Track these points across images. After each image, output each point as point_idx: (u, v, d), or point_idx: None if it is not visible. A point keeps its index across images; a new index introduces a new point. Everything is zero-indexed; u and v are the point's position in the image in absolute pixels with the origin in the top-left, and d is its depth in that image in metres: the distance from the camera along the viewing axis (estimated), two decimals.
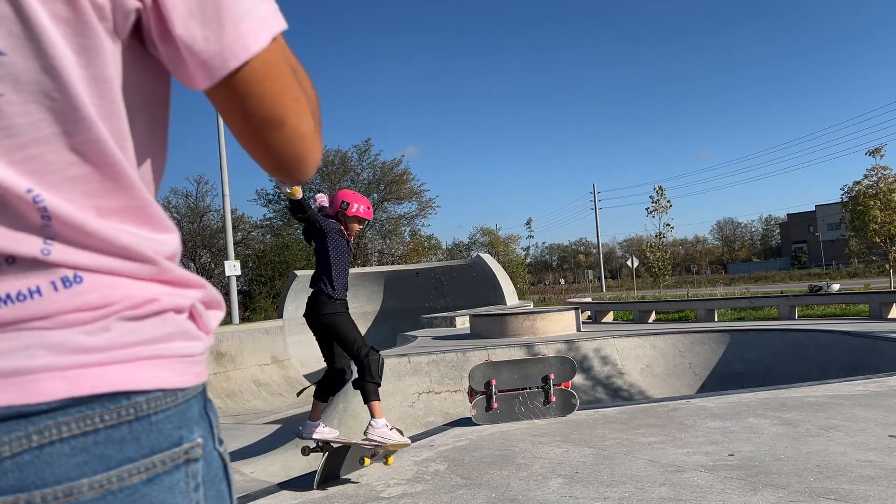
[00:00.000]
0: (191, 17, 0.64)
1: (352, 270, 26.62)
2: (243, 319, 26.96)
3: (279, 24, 0.70)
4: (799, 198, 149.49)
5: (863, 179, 27.97)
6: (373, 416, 4.66)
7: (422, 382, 9.49)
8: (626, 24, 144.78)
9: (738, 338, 12.85)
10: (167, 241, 0.70)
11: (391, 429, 4.62)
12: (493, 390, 6.21)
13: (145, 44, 0.68)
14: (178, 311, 0.69)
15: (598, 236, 70.08)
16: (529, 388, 6.35)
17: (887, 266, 27.44)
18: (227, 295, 25.63)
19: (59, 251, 0.61)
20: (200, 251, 40.55)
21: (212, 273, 40.34)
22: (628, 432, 5.50)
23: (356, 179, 44.44)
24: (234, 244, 27.45)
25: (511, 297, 19.92)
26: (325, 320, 4.66)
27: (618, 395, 10.68)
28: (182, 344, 0.68)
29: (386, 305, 22.00)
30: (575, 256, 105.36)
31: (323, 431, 4.80)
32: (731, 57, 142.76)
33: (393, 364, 9.39)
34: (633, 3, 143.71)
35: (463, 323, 14.82)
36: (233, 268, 23.60)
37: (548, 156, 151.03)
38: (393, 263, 38.16)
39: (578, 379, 9.08)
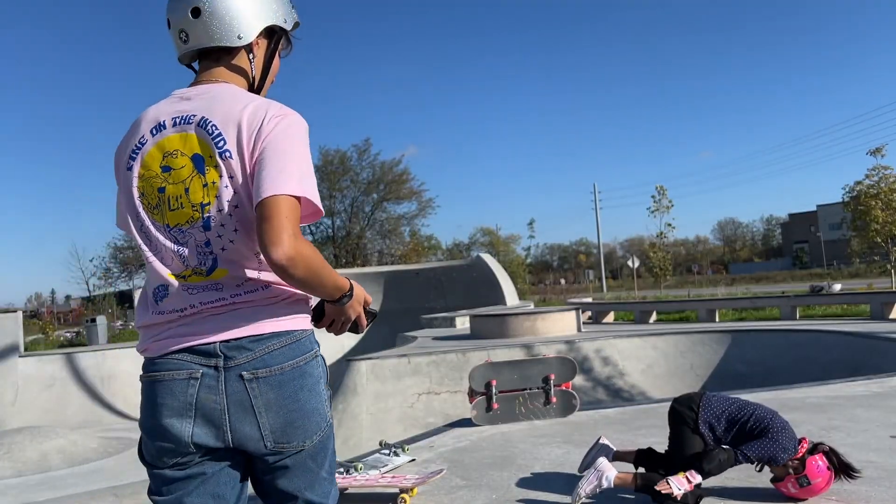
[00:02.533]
0: (255, 182, 1.57)
1: (352, 270, 26.58)
2: None
3: (293, 191, 1.57)
4: (800, 198, 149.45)
5: (864, 179, 27.93)
6: None
7: (422, 383, 9.47)
8: (627, 24, 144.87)
9: (739, 338, 12.83)
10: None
11: None
12: (494, 391, 6.19)
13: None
14: (303, 300, 1.71)
15: (598, 236, 70.03)
16: (530, 389, 6.32)
17: (889, 266, 27.39)
18: None
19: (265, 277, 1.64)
20: None
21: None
22: (629, 433, 5.48)
23: (356, 179, 44.39)
24: None
25: (511, 298, 19.90)
26: None
27: (619, 395, 10.65)
28: (305, 313, 1.71)
29: (386, 305, 21.98)
30: (575, 256, 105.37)
31: None
32: (731, 57, 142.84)
33: (393, 364, 9.37)
34: (633, 3, 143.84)
35: (463, 323, 14.80)
36: None
37: (548, 156, 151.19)
38: (393, 263, 38.13)
39: (579, 380, 9.06)
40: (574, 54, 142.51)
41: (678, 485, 3.54)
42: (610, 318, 21.71)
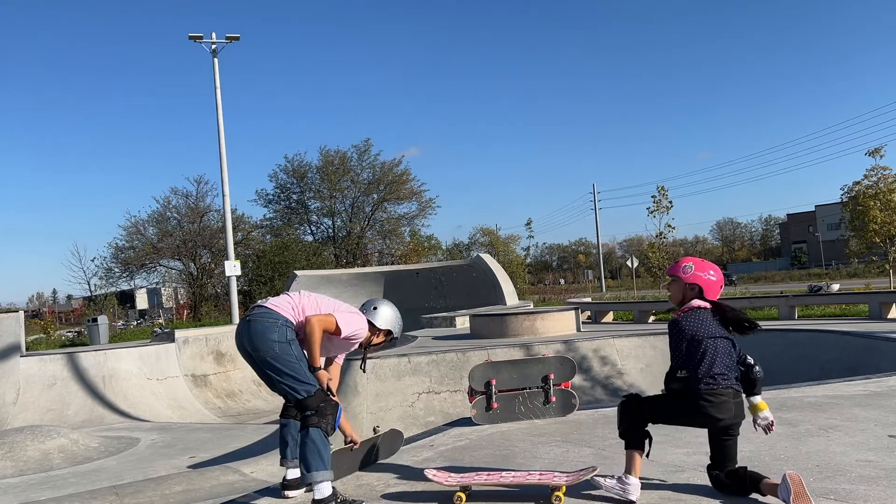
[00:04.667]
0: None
1: (352, 270, 26.56)
2: None
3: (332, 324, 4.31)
4: (799, 198, 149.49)
5: (863, 179, 27.98)
6: None
7: (422, 382, 9.50)
8: (626, 24, 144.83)
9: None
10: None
11: None
12: (493, 390, 6.21)
13: None
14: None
15: (597, 236, 70.10)
16: (529, 389, 6.34)
17: (887, 266, 27.45)
18: (227, 295, 25.63)
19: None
20: (200, 251, 40.50)
21: (212, 273, 40.31)
22: None
23: (356, 180, 44.36)
24: (234, 244, 27.44)
25: (511, 297, 19.91)
26: None
27: (617, 395, 10.67)
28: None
29: None
30: (575, 256, 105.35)
31: None
32: (731, 57, 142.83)
33: (393, 364, 9.39)
34: (633, 3, 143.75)
35: (463, 323, 14.82)
36: (233, 268, 23.59)
37: (548, 156, 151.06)
38: (393, 263, 38.12)
39: (578, 379, 9.09)
40: (574, 54, 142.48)
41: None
42: (609, 317, 21.73)
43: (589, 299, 31.18)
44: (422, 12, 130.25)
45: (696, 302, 3.79)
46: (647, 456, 3.83)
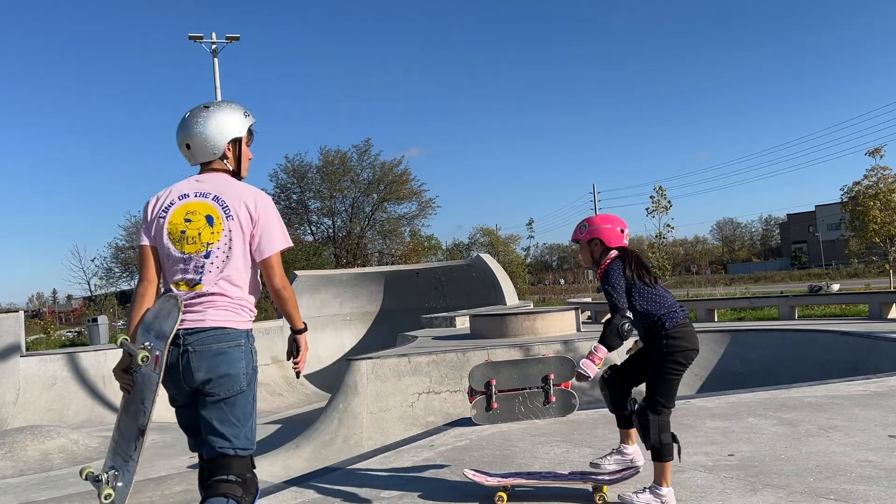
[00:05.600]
0: (260, 247, 2.82)
1: (352, 270, 26.57)
2: None
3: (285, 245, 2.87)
4: (799, 198, 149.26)
5: (863, 180, 28.00)
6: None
7: (422, 382, 9.49)
8: (626, 24, 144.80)
9: (738, 338, 12.86)
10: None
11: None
12: (493, 390, 6.21)
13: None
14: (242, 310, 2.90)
15: None
16: (529, 389, 6.35)
17: (887, 266, 27.47)
18: None
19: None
20: None
21: None
22: None
23: (356, 180, 44.33)
24: None
25: (511, 297, 19.91)
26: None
27: None
28: (245, 315, 2.86)
29: (386, 305, 21.99)
30: (575, 257, 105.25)
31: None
32: (730, 57, 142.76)
33: (393, 364, 9.39)
34: (632, 3, 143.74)
35: (463, 323, 14.82)
36: None
37: (548, 156, 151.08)
38: (393, 263, 38.12)
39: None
40: (574, 55, 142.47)
41: (585, 368, 3.61)
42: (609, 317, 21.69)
43: (589, 299, 31.17)
44: (422, 12, 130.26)
45: (613, 253, 3.84)
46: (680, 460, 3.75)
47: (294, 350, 3.01)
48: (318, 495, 4.37)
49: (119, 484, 2.73)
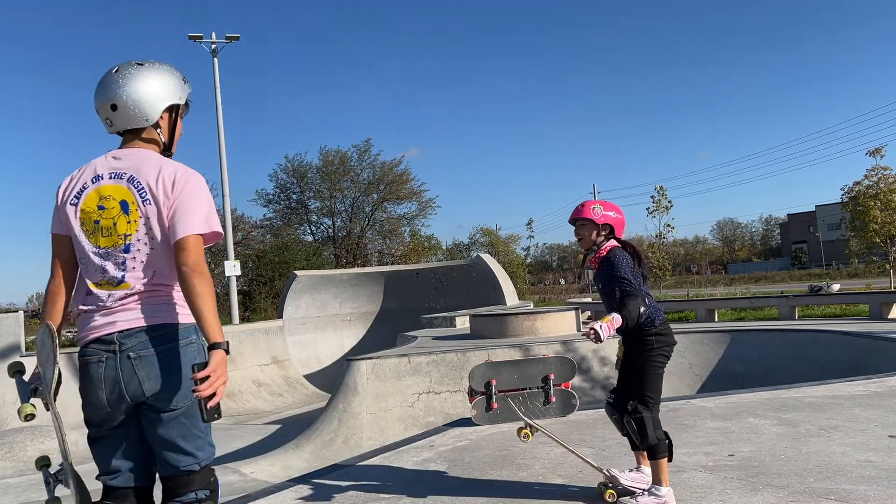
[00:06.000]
0: (173, 226, 2.30)
1: (352, 270, 26.59)
2: (243, 320, 26.92)
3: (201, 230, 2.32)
4: (799, 198, 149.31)
5: (863, 180, 27.99)
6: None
7: (422, 382, 9.49)
8: (626, 24, 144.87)
9: (738, 338, 12.84)
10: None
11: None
12: (493, 390, 6.20)
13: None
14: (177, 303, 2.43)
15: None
16: (529, 389, 6.34)
17: (887, 266, 27.46)
18: (226, 295, 25.63)
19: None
20: None
21: (212, 273, 40.32)
22: None
23: (356, 180, 44.33)
24: (234, 244, 27.42)
25: (511, 297, 19.90)
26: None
27: None
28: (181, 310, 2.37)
29: (386, 305, 21.98)
30: (575, 256, 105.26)
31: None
32: (730, 57, 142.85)
33: (393, 364, 9.38)
34: (632, 3, 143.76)
35: (463, 323, 14.82)
36: (233, 268, 23.57)
37: (548, 156, 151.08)
38: (393, 263, 38.11)
39: (577, 380, 9.08)
40: (574, 55, 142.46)
41: (601, 331, 3.36)
42: None
43: (589, 299, 31.14)
44: (422, 12, 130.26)
45: (612, 242, 3.82)
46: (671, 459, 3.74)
47: (201, 367, 2.15)
48: (317, 495, 4.37)
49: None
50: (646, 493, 3.67)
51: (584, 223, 3.84)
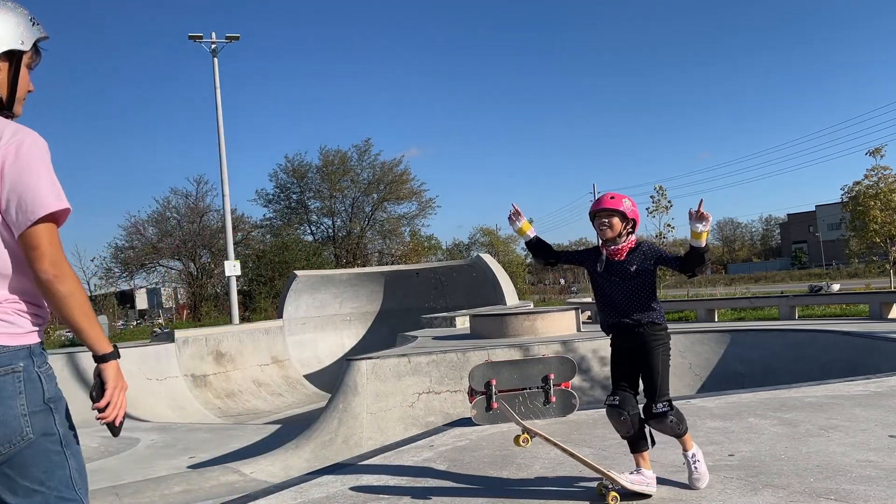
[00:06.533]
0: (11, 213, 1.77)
1: (352, 270, 26.56)
2: (243, 320, 26.93)
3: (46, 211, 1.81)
4: (799, 198, 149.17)
5: (863, 179, 27.98)
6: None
7: (422, 382, 9.49)
8: (625, 24, 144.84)
9: (738, 338, 12.84)
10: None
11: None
12: (493, 390, 6.20)
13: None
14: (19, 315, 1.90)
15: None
16: (529, 389, 6.34)
17: (887, 266, 27.45)
18: (226, 295, 25.64)
19: None
20: (200, 251, 40.50)
21: (212, 273, 40.32)
22: None
23: (356, 180, 44.35)
24: (234, 244, 27.44)
25: (511, 297, 19.91)
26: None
27: None
28: (24, 323, 1.84)
29: (386, 305, 21.99)
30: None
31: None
32: (730, 57, 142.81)
33: (393, 364, 9.39)
34: (632, 4, 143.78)
35: (463, 323, 14.82)
36: (233, 268, 23.59)
37: (548, 156, 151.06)
38: (393, 263, 38.12)
39: (577, 380, 9.08)
40: (573, 55, 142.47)
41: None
42: None
43: (589, 299, 31.13)
44: (421, 12, 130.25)
45: (634, 237, 3.98)
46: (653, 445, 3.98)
47: (97, 388, 1.87)
48: (317, 495, 4.37)
49: None
50: (633, 473, 3.86)
51: (615, 214, 3.93)
